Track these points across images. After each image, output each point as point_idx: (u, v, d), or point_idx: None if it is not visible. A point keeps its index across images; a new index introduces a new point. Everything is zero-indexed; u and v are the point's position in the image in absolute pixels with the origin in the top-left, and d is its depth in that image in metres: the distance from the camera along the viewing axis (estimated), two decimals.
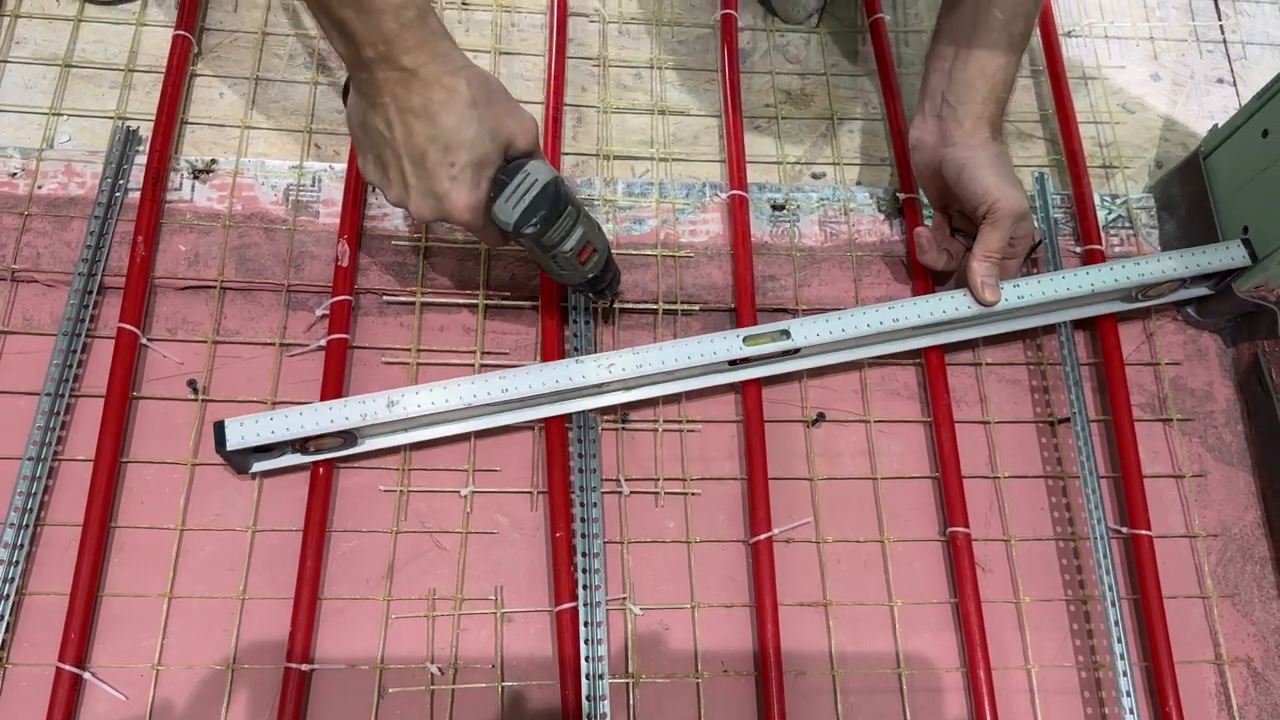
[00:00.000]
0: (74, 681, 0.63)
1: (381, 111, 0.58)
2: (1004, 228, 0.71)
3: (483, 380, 0.69)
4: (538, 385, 0.69)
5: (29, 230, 0.75)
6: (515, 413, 0.73)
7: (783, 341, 0.72)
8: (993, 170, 0.70)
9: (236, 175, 0.79)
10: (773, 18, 0.96)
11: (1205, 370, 0.83)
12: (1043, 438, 0.79)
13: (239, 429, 0.66)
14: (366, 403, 0.67)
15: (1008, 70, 0.72)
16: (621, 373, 0.70)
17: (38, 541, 0.68)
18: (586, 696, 0.64)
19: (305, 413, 0.67)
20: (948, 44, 0.73)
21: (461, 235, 0.79)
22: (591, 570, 0.68)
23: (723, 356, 0.71)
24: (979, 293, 0.73)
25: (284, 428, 0.66)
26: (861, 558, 0.74)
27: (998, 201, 0.70)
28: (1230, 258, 0.76)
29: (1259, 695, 0.73)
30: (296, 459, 0.70)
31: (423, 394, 0.68)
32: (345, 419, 0.67)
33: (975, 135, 0.72)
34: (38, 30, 0.85)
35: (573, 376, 0.69)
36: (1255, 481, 0.79)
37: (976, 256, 0.72)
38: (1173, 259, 0.76)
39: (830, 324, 0.73)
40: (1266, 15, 1.02)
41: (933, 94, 0.74)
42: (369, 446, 0.71)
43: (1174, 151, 0.92)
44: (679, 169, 0.87)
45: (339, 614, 0.68)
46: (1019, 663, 0.72)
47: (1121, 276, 0.75)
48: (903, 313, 0.73)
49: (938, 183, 0.75)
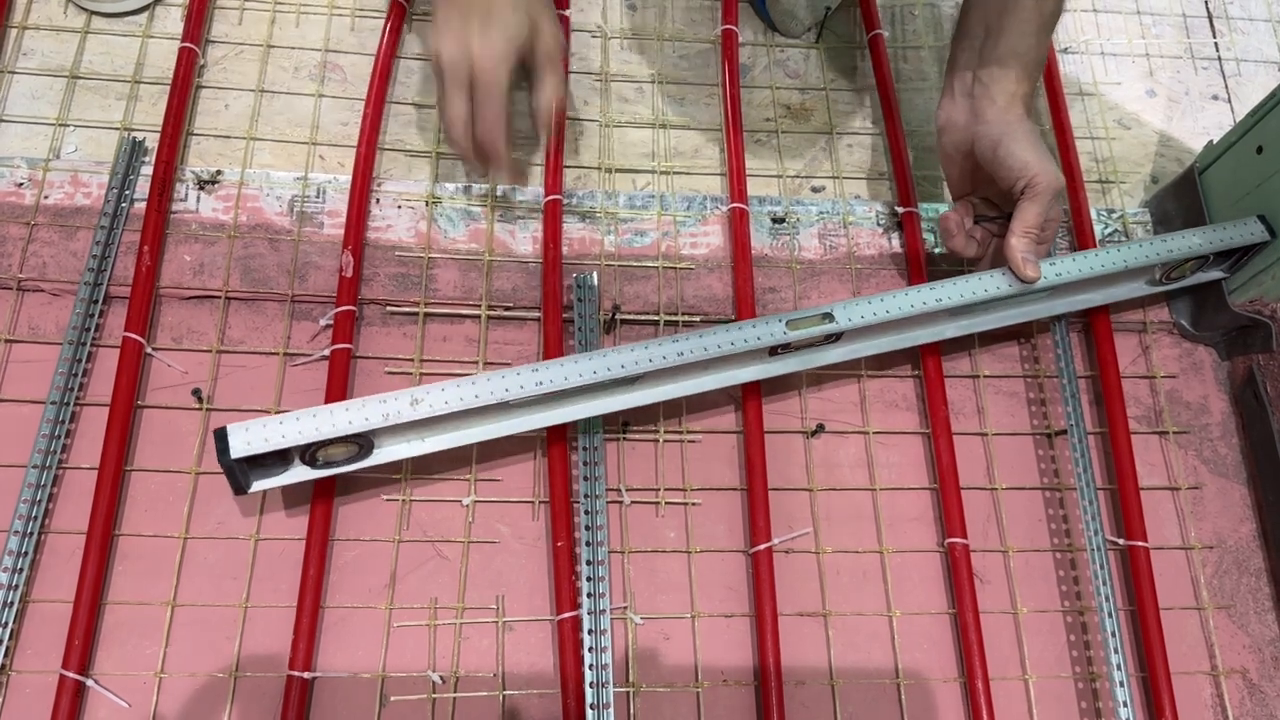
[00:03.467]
0: (77, 689, 0.63)
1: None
2: (1043, 202, 0.69)
3: (514, 374, 0.63)
4: (574, 376, 0.64)
5: (35, 240, 0.76)
6: (546, 412, 0.68)
7: (827, 325, 0.70)
8: (1031, 144, 0.69)
9: (241, 186, 0.80)
10: (773, 33, 0.97)
11: (1201, 383, 0.84)
12: (1040, 450, 0.80)
13: (243, 435, 0.59)
14: (388, 402, 0.61)
15: (1040, 49, 0.71)
16: (663, 362, 0.66)
17: (42, 549, 0.68)
18: (591, 705, 0.65)
19: (320, 414, 0.59)
20: (978, 22, 0.72)
21: (464, 247, 0.80)
22: (596, 579, 0.68)
23: (766, 342, 0.68)
24: (1020, 269, 0.71)
25: (296, 431, 0.59)
26: (860, 568, 0.74)
27: (1037, 176, 0.68)
28: (1250, 233, 0.76)
29: (1254, 706, 0.73)
30: (303, 474, 0.64)
31: (449, 390, 0.61)
32: (365, 420, 0.60)
33: (1010, 111, 0.70)
34: (45, 42, 0.86)
35: (611, 368, 0.65)
36: (1250, 494, 0.80)
37: (1015, 233, 0.70)
38: (1197, 235, 0.76)
39: (874, 305, 0.71)
40: (1261, 33, 1.03)
41: (962, 73, 0.73)
42: (381, 459, 0.66)
43: (1169, 167, 0.93)
44: (680, 182, 0.87)
45: (341, 623, 0.69)
46: (1016, 673, 0.72)
47: (1151, 253, 0.75)
48: (945, 293, 0.72)
49: (968, 164, 0.74)
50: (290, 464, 0.64)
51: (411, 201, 0.81)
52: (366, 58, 0.87)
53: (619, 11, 0.96)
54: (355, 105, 0.86)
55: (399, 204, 0.81)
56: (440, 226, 0.81)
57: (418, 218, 0.81)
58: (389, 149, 0.85)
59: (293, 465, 0.64)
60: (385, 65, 0.86)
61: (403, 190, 0.82)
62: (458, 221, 0.81)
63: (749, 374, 0.73)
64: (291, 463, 0.64)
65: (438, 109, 0.72)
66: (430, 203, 0.81)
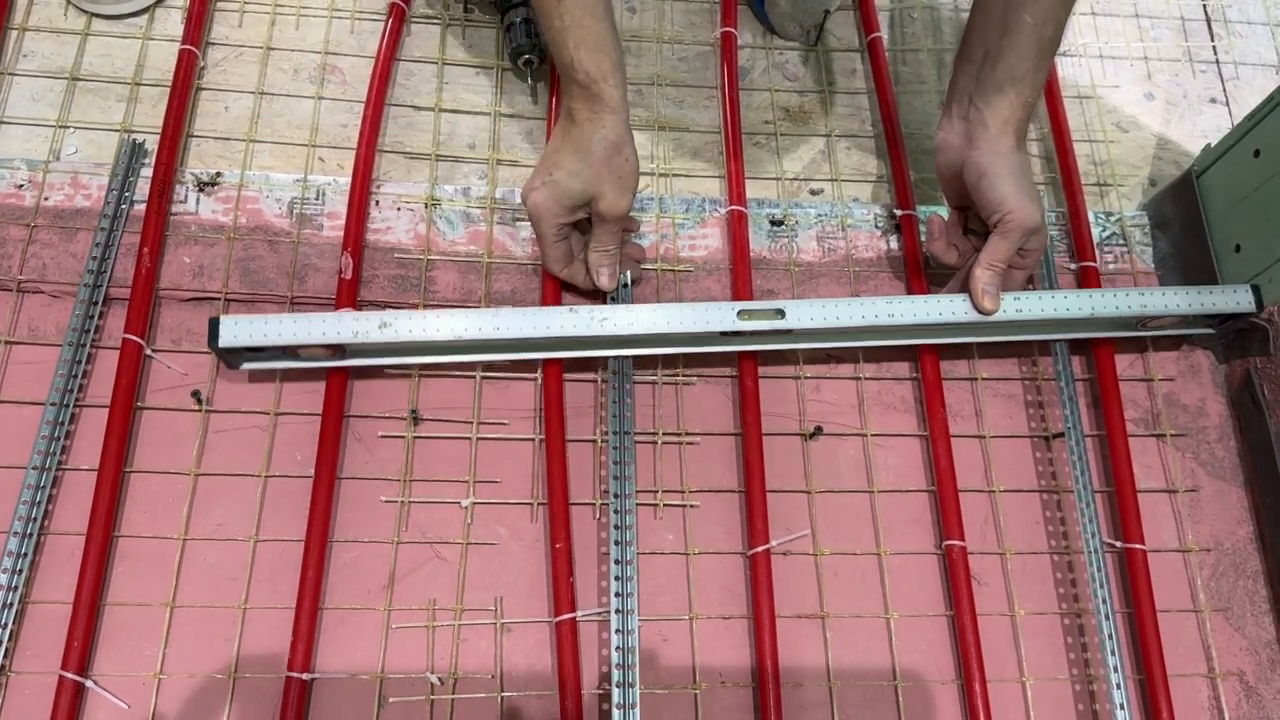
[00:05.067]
0: (76, 690, 0.64)
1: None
2: (1013, 239, 0.71)
3: (476, 315, 0.71)
4: (529, 329, 0.71)
5: (35, 241, 0.76)
6: (507, 354, 0.75)
7: (776, 320, 0.73)
8: (1013, 180, 0.70)
9: (241, 188, 0.80)
10: (772, 36, 0.97)
11: (1198, 386, 0.84)
12: (1038, 452, 0.80)
13: (232, 327, 0.68)
14: (360, 320, 0.70)
15: (1037, 75, 0.71)
16: (614, 328, 0.71)
17: (41, 550, 0.68)
18: (617, 705, 0.65)
19: (300, 321, 0.69)
20: (977, 45, 0.72)
21: (463, 249, 0.80)
22: (625, 579, 0.68)
23: (715, 327, 0.72)
24: (978, 299, 0.73)
25: (276, 332, 0.68)
26: (858, 570, 0.74)
27: (1011, 213, 0.69)
28: (1236, 302, 0.76)
29: (1251, 709, 0.73)
30: (287, 363, 0.73)
31: (415, 319, 0.70)
32: (337, 333, 0.69)
33: (1000, 141, 0.71)
34: (45, 44, 0.86)
35: (564, 325, 0.71)
36: (1247, 496, 0.80)
37: (981, 263, 0.72)
38: (1178, 294, 0.76)
39: (826, 309, 0.73)
40: (1259, 36, 1.04)
41: (960, 96, 0.74)
42: (357, 362, 0.73)
43: (1167, 170, 0.94)
44: (679, 184, 0.88)
45: (340, 624, 0.69)
46: (1014, 675, 0.72)
47: (1123, 304, 0.75)
48: (899, 309, 0.74)
49: (958, 186, 0.75)
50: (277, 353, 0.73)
51: (411, 203, 0.82)
52: (366, 60, 0.88)
53: (618, 14, 0.96)
54: (355, 107, 0.86)
55: (398, 206, 0.81)
56: (439, 228, 0.81)
57: (417, 220, 0.81)
58: (388, 151, 0.85)
59: (278, 355, 0.73)
60: (385, 67, 0.86)
61: (402, 192, 0.82)
62: (457, 223, 0.82)
63: (701, 349, 0.77)
64: (278, 353, 0.72)
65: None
66: (429, 205, 0.82)
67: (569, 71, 0.68)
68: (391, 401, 0.75)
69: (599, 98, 0.68)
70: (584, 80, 0.68)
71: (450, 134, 0.87)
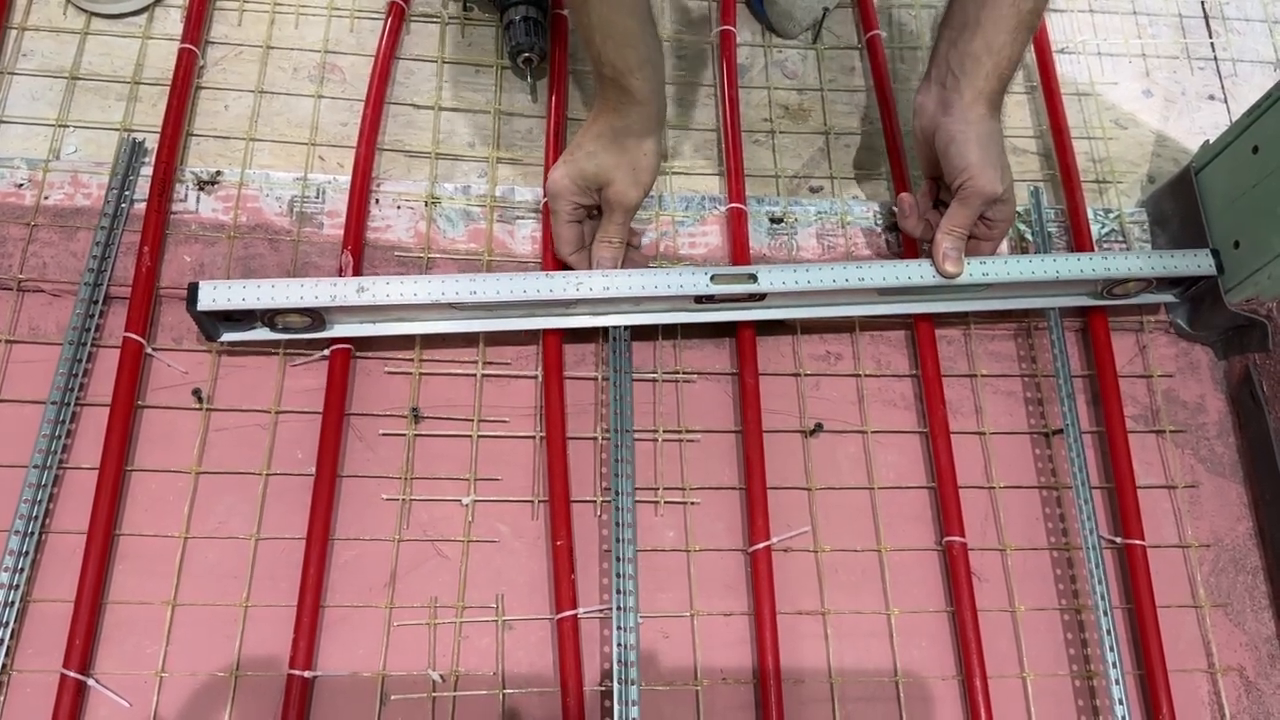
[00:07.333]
0: (78, 688, 0.64)
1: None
2: (972, 205, 0.72)
3: (453, 279, 0.71)
4: (505, 293, 0.71)
5: (35, 240, 0.76)
6: (484, 321, 0.75)
7: (750, 285, 0.74)
8: (979, 147, 0.71)
9: (241, 187, 0.80)
10: (770, 34, 0.97)
11: (1197, 383, 0.84)
12: (1037, 449, 0.80)
13: (211, 291, 0.68)
14: (337, 285, 0.70)
15: (1014, 48, 0.72)
16: (589, 292, 0.72)
17: (42, 549, 0.68)
18: (619, 701, 0.65)
19: (277, 285, 0.69)
20: (959, 13, 0.73)
21: (463, 247, 0.80)
22: (625, 576, 0.68)
23: (690, 290, 0.73)
24: (940, 263, 0.75)
25: (255, 297, 0.69)
26: (859, 567, 0.75)
27: (972, 179, 0.71)
28: (1197, 264, 0.77)
29: (1251, 704, 0.73)
30: (264, 334, 0.73)
31: (393, 284, 0.70)
32: (315, 297, 0.69)
33: (972, 110, 0.72)
34: (45, 43, 0.86)
35: (540, 289, 0.72)
36: (1247, 492, 0.80)
37: (942, 229, 0.74)
38: (1140, 258, 0.78)
39: (797, 274, 0.74)
40: (1256, 33, 1.04)
41: (939, 61, 0.74)
42: (337, 333, 0.73)
43: (1166, 167, 0.94)
44: (678, 182, 0.88)
45: (341, 622, 0.69)
46: (1014, 671, 0.72)
47: (1087, 267, 0.76)
48: (868, 273, 0.75)
49: (930, 152, 0.76)
50: (256, 324, 0.73)
51: (411, 201, 0.82)
52: (365, 58, 0.88)
53: None
54: (354, 106, 0.86)
55: (398, 204, 0.81)
56: (439, 226, 0.81)
57: (417, 218, 0.81)
58: (388, 149, 0.85)
59: (257, 326, 0.73)
60: (384, 66, 0.86)
61: (402, 190, 0.82)
62: (457, 221, 0.82)
63: (671, 318, 0.77)
64: (256, 324, 0.73)
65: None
66: (429, 203, 0.82)
67: (596, 64, 0.70)
68: (392, 399, 0.75)
69: (626, 90, 0.70)
70: (610, 73, 0.69)
71: (450, 132, 0.87)
